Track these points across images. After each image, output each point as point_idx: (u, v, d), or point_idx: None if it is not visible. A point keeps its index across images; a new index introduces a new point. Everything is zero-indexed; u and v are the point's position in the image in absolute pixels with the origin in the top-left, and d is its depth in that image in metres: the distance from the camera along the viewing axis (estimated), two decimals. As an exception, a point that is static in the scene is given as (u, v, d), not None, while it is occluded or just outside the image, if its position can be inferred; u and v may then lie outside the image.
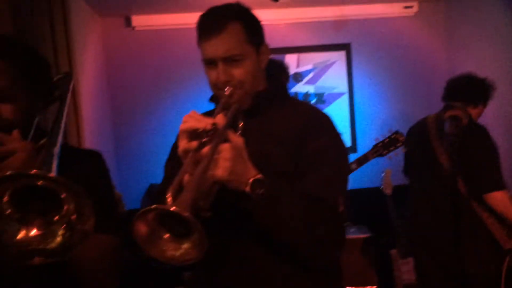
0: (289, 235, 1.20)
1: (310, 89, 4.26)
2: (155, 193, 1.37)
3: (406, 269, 3.16)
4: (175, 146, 1.32)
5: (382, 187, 3.20)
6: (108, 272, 1.22)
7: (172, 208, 0.93)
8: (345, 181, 1.35)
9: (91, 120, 3.34)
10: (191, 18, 4.57)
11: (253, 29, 1.34)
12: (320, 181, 1.25)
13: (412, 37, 4.32)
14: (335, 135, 1.35)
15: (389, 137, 2.76)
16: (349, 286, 2.74)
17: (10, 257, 0.98)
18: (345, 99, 4.29)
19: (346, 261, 1.53)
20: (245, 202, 1.15)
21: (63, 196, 0.96)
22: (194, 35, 1.37)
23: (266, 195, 1.14)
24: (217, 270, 1.31)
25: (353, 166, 2.74)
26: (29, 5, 2.36)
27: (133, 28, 4.14)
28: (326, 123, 1.36)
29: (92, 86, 3.62)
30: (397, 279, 3.11)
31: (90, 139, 3.16)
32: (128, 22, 4.13)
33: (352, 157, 2.91)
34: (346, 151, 1.39)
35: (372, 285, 2.95)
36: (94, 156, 1.36)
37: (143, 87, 4.16)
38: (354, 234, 3.14)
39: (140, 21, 4.12)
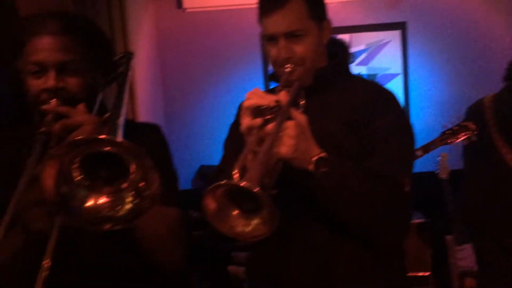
0: (354, 214, 1.18)
1: (363, 70, 4.14)
2: (216, 171, 1.36)
3: (461, 256, 3.06)
4: (234, 125, 1.35)
5: (437, 171, 3.09)
6: (176, 244, 1.23)
7: (243, 184, 0.93)
8: (412, 160, 1.32)
9: (143, 100, 3.39)
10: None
11: (316, 4, 1.31)
12: (386, 159, 1.22)
13: (473, 14, 4.09)
14: (402, 113, 1.34)
15: (458, 124, 2.61)
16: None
17: (81, 222, 1.00)
18: (399, 80, 4.14)
19: (400, 246, 1.47)
20: (308, 181, 1.14)
21: (129, 162, 0.97)
22: (244, 16, 1.34)
23: (330, 174, 1.12)
24: (277, 250, 1.30)
25: (419, 153, 2.62)
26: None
27: (184, 10, 4.13)
28: (392, 100, 1.34)
29: (145, 66, 3.66)
30: (452, 266, 3.01)
31: (142, 120, 3.20)
32: (179, 3, 4.13)
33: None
34: (412, 130, 1.34)
35: (426, 271, 2.86)
36: (155, 130, 1.38)
37: (195, 68, 4.17)
38: (408, 219, 3.05)
39: (192, 2, 4.11)
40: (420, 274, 2.89)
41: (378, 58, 4.15)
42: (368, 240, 1.25)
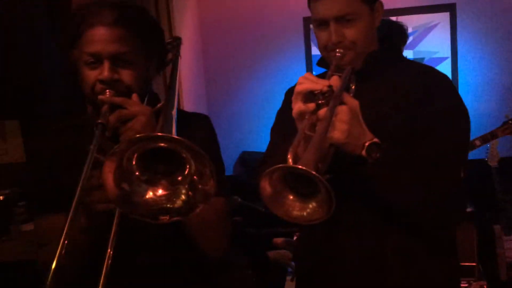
0: (406, 201, 1.16)
1: (409, 54, 4.01)
2: (263, 157, 1.37)
3: (510, 246, 2.96)
4: (281, 111, 1.37)
5: (487, 158, 2.98)
6: (222, 232, 1.26)
7: (300, 167, 0.93)
8: (466, 146, 1.30)
9: (187, 87, 3.42)
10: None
11: None
12: (442, 146, 1.18)
13: (526, -5, 3.89)
14: (457, 97, 1.28)
15: None
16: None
17: (141, 215, 1.02)
18: (447, 64, 3.98)
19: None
20: (360, 166, 1.12)
21: (184, 156, 0.99)
22: (289, 3, 1.32)
23: (383, 159, 1.10)
24: (325, 236, 1.30)
25: (477, 143, 2.52)
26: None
27: (227, -4, 4.13)
28: (447, 84, 1.29)
29: (187, 53, 3.69)
30: (500, 257, 2.92)
31: (186, 106, 3.23)
32: (222, -10, 4.13)
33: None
34: (468, 115, 1.29)
35: (472, 261, 2.78)
36: (205, 120, 1.40)
37: (237, 55, 4.17)
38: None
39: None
40: (467, 264, 2.81)
41: (426, 41, 4.02)
42: (419, 229, 1.23)
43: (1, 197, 2.17)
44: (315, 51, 3.94)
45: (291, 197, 1.01)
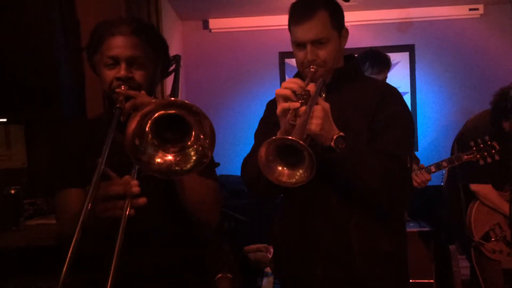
0: (366, 182, 1.33)
1: (373, 88, 4.12)
2: (250, 152, 1.53)
3: (464, 265, 3.01)
4: (263, 120, 1.58)
5: (443, 184, 3.04)
6: (214, 207, 1.40)
7: (291, 138, 1.11)
8: (413, 142, 1.52)
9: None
10: (263, 21, 4.58)
11: (337, 16, 1.46)
12: (393, 140, 1.39)
13: (478, 39, 4.07)
14: (405, 105, 1.50)
15: (483, 142, 2.53)
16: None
17: (152, 172, 1.14)
18: (407, 98, 4.10)
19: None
20: (329, 155, 1.29)
21: (190, 121, 1.11)
22: (266, 36, 1.41)
23: (347, 149, 1.28)
24: (299, 218, 1.47)
25: (432, 168, 2.60)
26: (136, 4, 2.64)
27: (210, 30, 4.20)
28: (397, 95, 1.51)
29: (169, 80, 3.69)
30: (455, 275, 2.96)
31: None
32: (206, 24, 4.20)
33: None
34: (412, 118, 1.53)
35: (430, 278, 2.81)
36: None
37: (217, 84, 4.22)
38: (414, 228, 3.01)
39: (217, 23, 4.19)
40: (424, 281, 2.84)
41: (388, 77, 4.11)
42: (375, 207, 1.40)
43: (12, 190, 2.28)
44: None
45: (280, 168, 1.18)
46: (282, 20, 1.66)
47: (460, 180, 2.67)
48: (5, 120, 2.36)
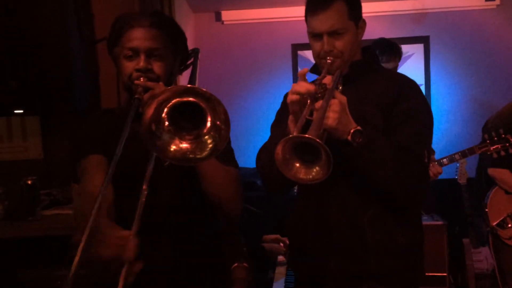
0: (382, 177, 1.31)
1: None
2: (265, 144, 1.50)
3: (478, 259, 2.98)
4: (280, 111, 1.54)
5: (457, 177, 3.02)
6: (236, 193, 1.39)
7: (308, 135, 1.10)
8: (430, 137, 1.46)
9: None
10: (276, 13, 4.54)
11: (354, 6, 1.44)
12: (410, 134, 1.36)
13: (494, 30, 3.98)
14: (423, 98, 1.46)
15: (497, 135, 2.48)
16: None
17: (167, 158, 1.14)
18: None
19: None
20: (346, 149, 1.27)
21: (205, 108, 1.11)
22: (279, 28, 1.39)
23: (364, 143, 1.26)
24: (314, 212, 1.46)
25: (456, 157, 2.57)
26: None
27: (223, 22, 4.17)
28: (416, 88, 1.47)
29: (184, 74, 3.69)
30: (469, 268, 2.93)
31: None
32: (218, 16, 4.17)
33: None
34: (431, 112, 1.48)
35: (443, 272, 2.79)
36: None
37: (230, 76, 4.19)
38: (427, 221, 2.98)
39: (230, 15, 4.16)
40: (438, 274, 2.82)
41: (402, 69, 4.05)
42: (391, 202, 1.37)
43: (29, 181, 2.33)
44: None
45: (298, 164, 1.16)
46: (295, 12, 1.64)
47: (482, 168, 2.64)
48: (21, 111, 2.40)
